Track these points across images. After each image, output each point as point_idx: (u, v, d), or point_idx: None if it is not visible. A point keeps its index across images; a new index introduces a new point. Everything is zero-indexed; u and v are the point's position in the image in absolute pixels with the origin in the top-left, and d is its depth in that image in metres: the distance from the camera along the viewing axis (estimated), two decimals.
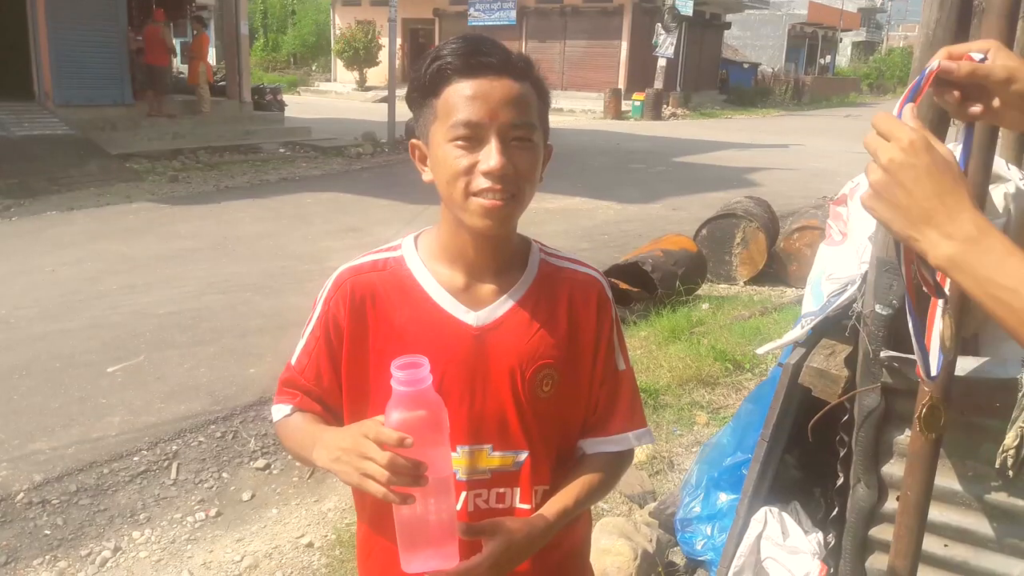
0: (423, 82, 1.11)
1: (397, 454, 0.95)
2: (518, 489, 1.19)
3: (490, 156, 1.07)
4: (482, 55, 1.08)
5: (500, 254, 1.19)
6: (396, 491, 0.96)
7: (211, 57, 17.04)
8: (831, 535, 2.31)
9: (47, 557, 2.98)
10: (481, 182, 1.08)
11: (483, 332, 1.16)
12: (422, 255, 1.20)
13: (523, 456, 1.18)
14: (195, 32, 15.94)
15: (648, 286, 5.83)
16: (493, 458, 1.17)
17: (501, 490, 1.18)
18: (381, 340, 1.16)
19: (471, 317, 1.16)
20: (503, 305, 1.18)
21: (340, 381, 1.20)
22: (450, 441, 1.03)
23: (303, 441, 1.16)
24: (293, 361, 1.23)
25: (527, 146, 1.11)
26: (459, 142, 1.08)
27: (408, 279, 1.18)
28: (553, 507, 1.17)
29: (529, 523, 1.13)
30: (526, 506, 1.19)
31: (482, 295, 1.18)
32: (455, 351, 1.14)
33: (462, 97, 1.08)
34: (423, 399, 0.99)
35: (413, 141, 1.17)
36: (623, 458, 1.30)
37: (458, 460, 1.15)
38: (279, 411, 1.23)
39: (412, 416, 0.98)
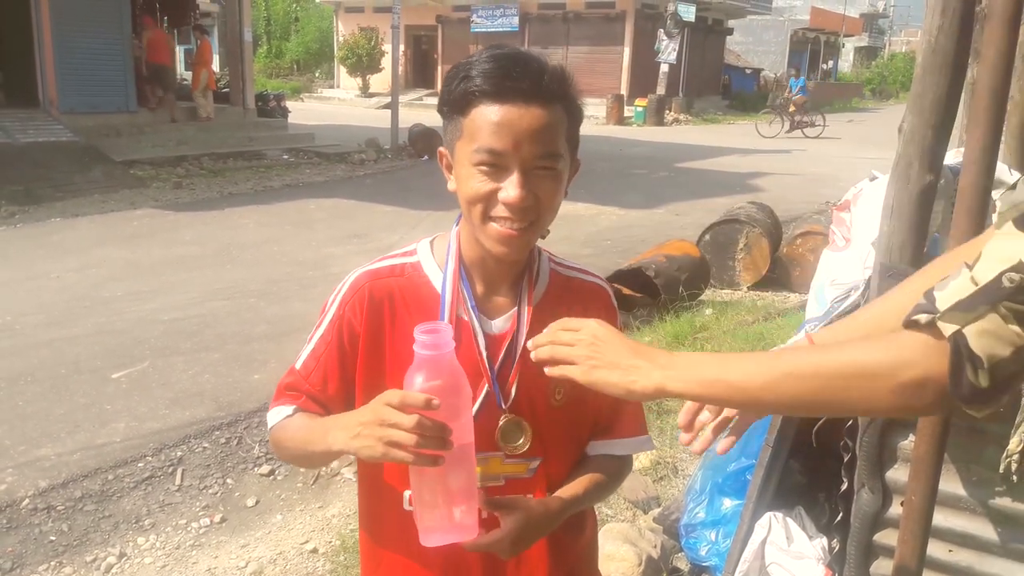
0: (451, 97, 1.08)
1: (424, 416, 0.94)
2: (531, 496, 1.19)
3: (511, 187, 1.06)
4: (512, 79, 1.04)
5: (517, 267, 1.20)
6: (424, 453, 0.94)
7: (215, 64, 17.09)
8: (835, 540, 2.31)
9: (52, 563, 2.99)
10: (500, 210, 1.07)
11: (498, 340, 1.17)
12: (439, 261, 1.20)
13: (536, 463, 1.19)
14: (198, 40, 16.00)
15: (651, 291, 5.84)
16: (507, 465, 1.18)
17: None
18: (398, 346, 1.15)
19: (488, 325, 1.17)
20: (518, 314, 1.19)
21: (349, 388, 1.18)
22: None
23: (309, 436, 1.13)
24: (298, 366, 1.19)
25: (550, 175, 1.09)
26: (482, 167, 1.06)
27: (425, 286, 1.18)
28: (566, 492, 1.19)
29: (545, 503, 1.15)
30: None
31: (498, 304, 1.18)
32: (472, 358, 1.14)
33: (488, 123, 1.05)
34: (447, 364, 0.99)
35: (441, 149, 1.15)
36: (624, 463, 1.33)
37: None
38: (279, 413, 1.19)
39: (436, 381, 0.98)
